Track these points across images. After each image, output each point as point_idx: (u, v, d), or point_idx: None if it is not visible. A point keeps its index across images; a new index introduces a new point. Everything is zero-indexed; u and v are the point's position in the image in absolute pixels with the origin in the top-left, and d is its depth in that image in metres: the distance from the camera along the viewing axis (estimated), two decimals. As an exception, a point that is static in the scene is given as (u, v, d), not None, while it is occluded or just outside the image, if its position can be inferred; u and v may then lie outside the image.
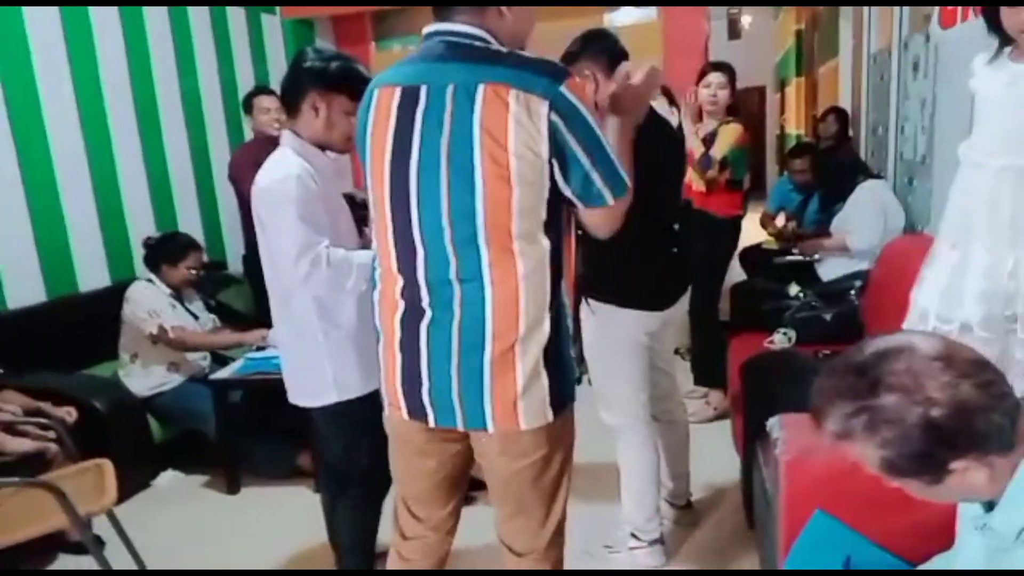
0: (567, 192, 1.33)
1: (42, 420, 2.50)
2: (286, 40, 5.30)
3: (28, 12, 3.34)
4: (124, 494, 2.89)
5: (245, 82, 4.71)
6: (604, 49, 2.08)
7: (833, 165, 3.93)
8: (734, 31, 9.38)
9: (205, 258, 3.39)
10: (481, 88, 1.25)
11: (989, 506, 1.00)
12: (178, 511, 2.96)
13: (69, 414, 2.62)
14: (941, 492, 0.97)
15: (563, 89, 1.26)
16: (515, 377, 1.33)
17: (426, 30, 1.38)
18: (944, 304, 1.70)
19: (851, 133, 4.62)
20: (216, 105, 4.56)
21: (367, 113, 1.40)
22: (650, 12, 5.28)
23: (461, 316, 1.34)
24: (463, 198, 1.28)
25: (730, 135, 3.29)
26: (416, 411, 1.44)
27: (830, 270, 3.49)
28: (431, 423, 1.43)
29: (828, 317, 3.05)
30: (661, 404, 2.32)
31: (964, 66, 1.78)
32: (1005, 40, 1.61)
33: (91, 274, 3.56)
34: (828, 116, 4.63)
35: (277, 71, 5.10)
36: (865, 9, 4.35)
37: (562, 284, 1.39)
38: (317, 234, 1.75)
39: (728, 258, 3.56)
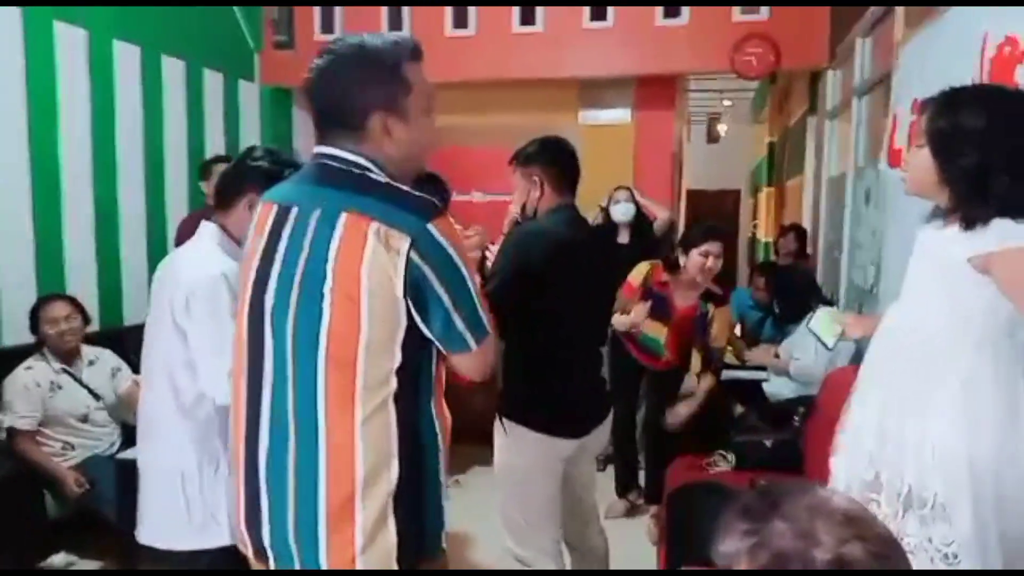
0: (429, 334, 1.25)
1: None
2: (263, 108, 5.32)
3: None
4: (8, 576, 2.71)
5: (215, 148, 4.69)
6: (558, 162, 2.07)
7: (789, 285, 3.95)
8: (712, 135, 9.70)
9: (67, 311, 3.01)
10: (343, 216, 1.20)
11: None
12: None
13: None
14: None
15: (430, 226, 1.20)
16: (353, 532, 1.22)
17: (313, 150, 1.34)
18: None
19: (810, 251, 4.67)
20: (180, 168, 4.50)
21: (251, 227, 1.36)
22: (624, 114, 5.40)
23: (296, 459, 1.24)
24: (309, 328, 1.21)
25: (725, 321, 3.16)
26: (259, 552, 1.32)
27: (777, 391, 3.45)
28: (272, 566, 1.31)
29: (769, 443, 2.98)
30: (577, 532, 2.19)
31: (909, 206, 1.78)
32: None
33: (15, 330, 3.37)
34: (788, 233, 4.69)
35: (251, 139, 5.10)
36: (827, 132, 4.46)
37: (424, 427, 1.29)
38: None
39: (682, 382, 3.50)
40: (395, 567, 1.25)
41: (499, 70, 4.85)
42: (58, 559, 2.95)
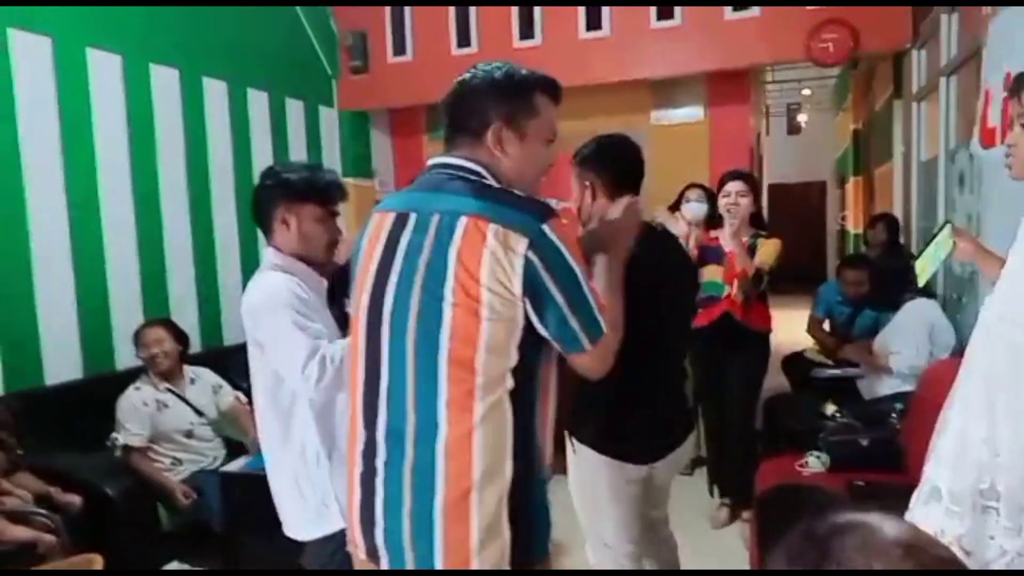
0: (545, 333, 1.28)
1: (43, 511, 2.51)
2: (342, 132, 5.52)
3: (94, 81, 3.58)
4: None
5: (298, 171, 4.89)
6: (611, 167, 1.90)
7: (888, 269, 3.78)
8: (792, 127, 9.42)
9: (162, 335, 3.16)
10: (462, 219, 1.25)
11: None
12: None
13: (72, 504, 2.66)
14: None
15: (545, 228, 1.24)
16: (470, 530, 1.24)
17: (429, 162, 1.41)
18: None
19: (902, 240, 4.45)
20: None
21: (362, 237, 1.42)
22: (697, 112, 5.31)
23: (414, 456, 1.27)
24: (430, 328, 1.25)
25: (773, 249, 3.17)
26: (372, 552, 1.36)
27: (872, 388, 3.30)
28: (384, 566, 1.34)
29: (865, 442, 2.85)
30: (647, 543, 2.11)
31: (1006, 188, 1.68)
32: None
33: (126, 355, 3.59)
34: (877, 223, 4.48)
35: (331, 162, 5.31)
36: (915, 116, 4.25)
37: (536, 427, 1.32)
38: (315, 337, 1.70)
39: (764, 373, 3.41)
40: (507, 567, 1.26)
41: (568, 77, 4.72)
42: (172, 567, 3.13)
